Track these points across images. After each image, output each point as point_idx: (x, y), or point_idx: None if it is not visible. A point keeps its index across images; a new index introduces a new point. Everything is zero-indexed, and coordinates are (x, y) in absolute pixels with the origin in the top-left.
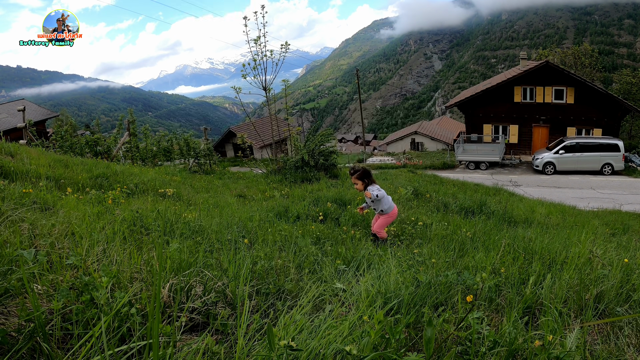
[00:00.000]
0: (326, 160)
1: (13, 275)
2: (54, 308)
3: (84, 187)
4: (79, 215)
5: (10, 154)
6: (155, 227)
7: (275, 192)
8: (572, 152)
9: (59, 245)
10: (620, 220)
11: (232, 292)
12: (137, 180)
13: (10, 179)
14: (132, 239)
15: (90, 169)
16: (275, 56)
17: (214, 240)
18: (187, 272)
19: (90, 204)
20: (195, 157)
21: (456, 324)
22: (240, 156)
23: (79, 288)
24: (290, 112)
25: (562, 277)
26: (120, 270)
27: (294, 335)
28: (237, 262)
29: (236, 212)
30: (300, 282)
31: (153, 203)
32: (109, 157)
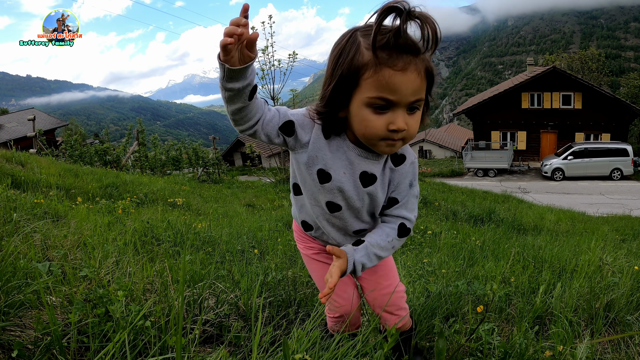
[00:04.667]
0: None
1: (28, 288)
2: (70, 321)
3: (94, 196)
4: (91, 225)
5: (20, 163)
6: (166, 238)
7: (284, 201)
8: (581, 157)
9: (71, 257)
10: (630, 225)
11: (244, 304)
12: (146, 189)
13: (21, 189)
14: (143, 250)
15: (100, 179)
16: (282, 65)
17: (225, 251)
18: (200, 284)
19: (100, 214)
20: (204, 166)
21: (467, 334)
22: (248, 165)
23: (93, 301)
24: None
25: (572, 286)
26: (133, 282)
27: (307, 348)
28: (249, 274)
29: (245, 221)
30: (312, 293)
31: (163, 213)
32: (118, 166)
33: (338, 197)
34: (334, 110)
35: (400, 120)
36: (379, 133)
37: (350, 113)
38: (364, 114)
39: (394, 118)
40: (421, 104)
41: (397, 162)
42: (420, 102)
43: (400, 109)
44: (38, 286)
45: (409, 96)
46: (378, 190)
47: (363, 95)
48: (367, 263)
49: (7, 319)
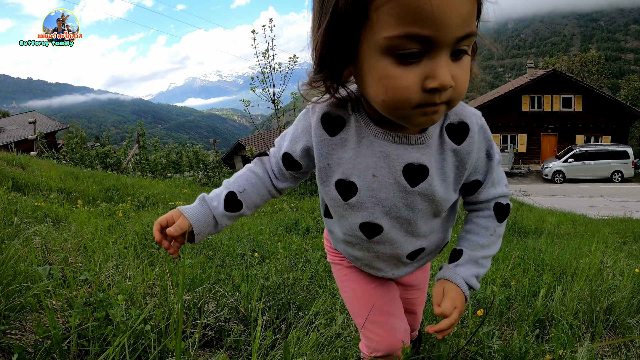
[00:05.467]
0: None
1: (29, 291)
2: (70, 325)
3: (94, 199)
4: (91, 229)
5: (21, 165)
6: None
7: (285, 204)
8: (581, 160)
9: (71, 260)
10: (631, 228)
11: (244, 308)
12: (147, 192)
13: (22, 191)
14: (144, 254)
15: (100, 182)
16: (283, 69)
17: (225, 254)
18: (200, 288)
19: (101, 217)
20: (205, 169)
21: (467, 338)
22: None
23: (94, 304)
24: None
25: (572, 289)
26: (134, 286)
27: (306, 351)
28: (249, 278)
29: (246, 225)
30: (311, 297)
31: None
32: (118, 169)
33: (375, 214)
34: (333, 70)
35: (444, 72)
36: (410, 97)
37: (360, 70)
38: (382, 68)
39: (434, 69)
40: (471, 43)
41: (459, 136)
42: (471, 40)
43: (442, 54)
44: (38, 290)
45: (455, 29)
46: (436, 186)
47: (378, 36)
48: (480, 271)
49: (7, 322)
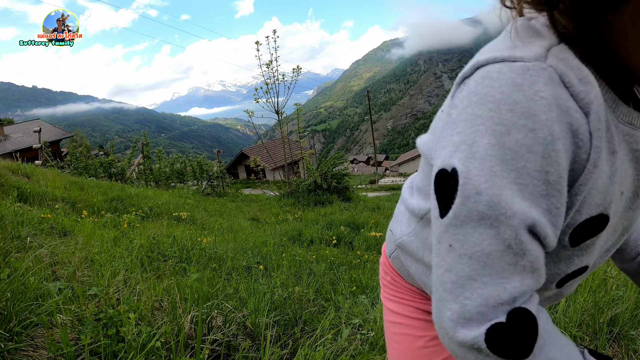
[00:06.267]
0: (339, 183)
1: (40, 308)
2: (82, 342)
3: (99, 210)
4: (97, 241)
5: (26, 175)
6: (172, 254)
7: (289, 215)
8: None
9: (79, 273)
10: None
11: (252, 324)
12: (151, 203)
13: (27, 202)
14: (150, 267)
15: (105, 192)
16: (287, 79)
17: (231, 268)
18: (209, 304)
19: (106, 228)
20: (208, 179)
21: None
22: (252, 179)
23: (104, 320)
24: (302, 135)
25: (576, 300)
26: (142, 301)
27: None
28: (256, 295)
29: (250, 236)
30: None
31: (168, 227)
32: (122, 178)
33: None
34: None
35: None
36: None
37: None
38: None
39: None
40: None
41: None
42: None
43: None
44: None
45: None
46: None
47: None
48: None
49: (19, 339)
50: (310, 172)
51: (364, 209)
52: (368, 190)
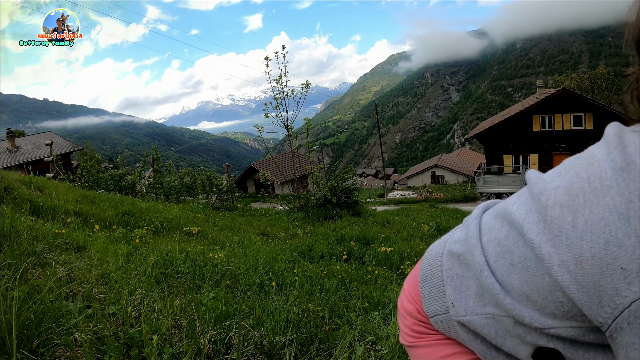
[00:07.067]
0: (348, 197)
1: (60, 328)
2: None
3: (110, 224)
4: (111, 257)
5: (38, 188)
6: (185, 270)
7: (299, 230)
8: None
9: (96, 290)
10: None
11: (269, 343)
12: (162, 217)
13: (39, 215)
14: (165, 285)
15: (116, 206)
16: (296, 94)
17: (244, 285)
18: (226, 323)
19: (118, 243)
20: (218, 193)
21: None
22: (262, 193)
23: (123, 339)
24: (312, 149)
25: None
26: (159, 319)
27: None
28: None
29: (261, 251)
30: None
31: (180, 243)
32: (132, 192)
33: None
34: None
35: None
36: None
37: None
38: None
39: None
40: None
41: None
42: None
43: None
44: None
45: None
46: None
47: None
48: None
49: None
50: (319, 186)
51: (373, 224)
52: (377, 204)
